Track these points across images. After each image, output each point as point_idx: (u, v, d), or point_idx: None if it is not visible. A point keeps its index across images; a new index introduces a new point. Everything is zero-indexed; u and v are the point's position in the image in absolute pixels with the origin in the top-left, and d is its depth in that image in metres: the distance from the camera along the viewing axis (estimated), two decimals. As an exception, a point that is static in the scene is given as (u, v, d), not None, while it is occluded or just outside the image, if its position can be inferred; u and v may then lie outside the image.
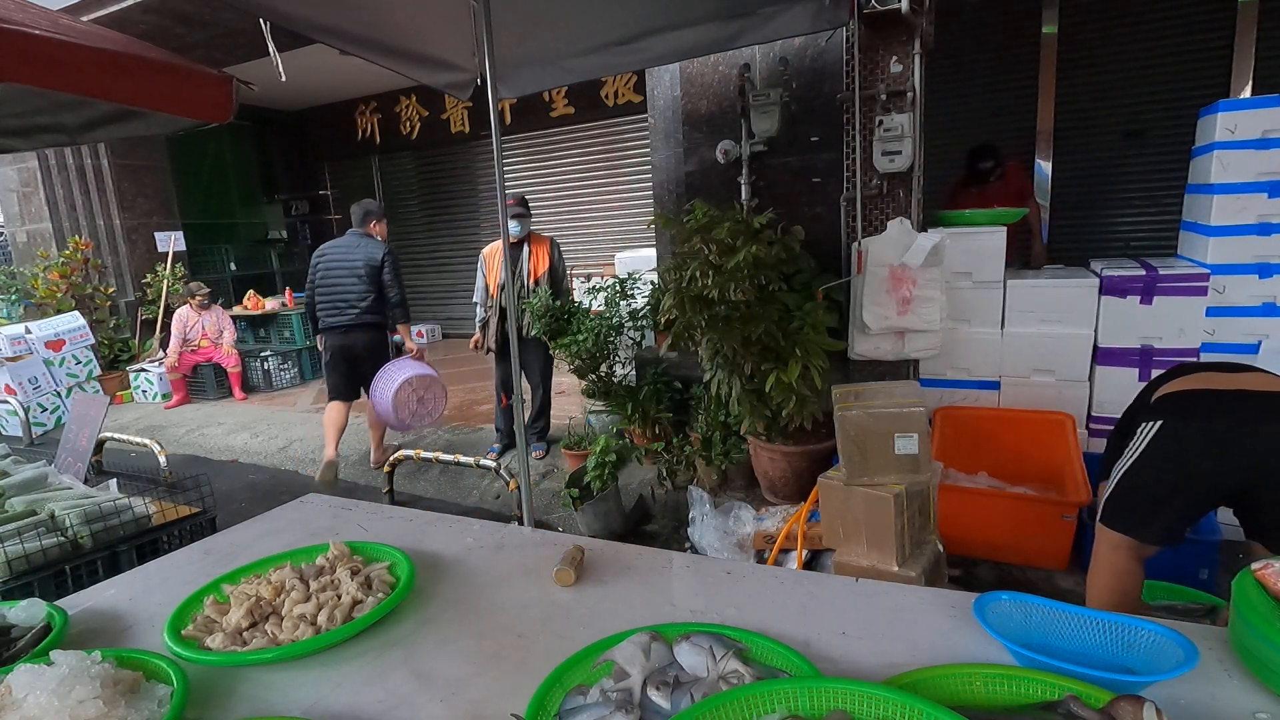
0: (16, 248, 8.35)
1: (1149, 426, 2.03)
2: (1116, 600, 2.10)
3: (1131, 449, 2.07)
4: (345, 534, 1.71)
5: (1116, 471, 2.12)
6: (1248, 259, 3.31)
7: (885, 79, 3.64)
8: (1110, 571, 2.15)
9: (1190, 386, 2.08)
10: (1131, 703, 0.84)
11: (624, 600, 1.33)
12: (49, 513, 2.37)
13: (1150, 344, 3.38)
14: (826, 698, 0.89)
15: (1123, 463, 2.09)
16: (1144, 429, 2.04)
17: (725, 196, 4.10)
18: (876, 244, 3.50)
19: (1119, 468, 2.11)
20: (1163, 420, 2.01)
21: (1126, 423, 2.26)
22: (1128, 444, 2.11)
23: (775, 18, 2.99)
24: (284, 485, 4.94)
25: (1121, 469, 2.10)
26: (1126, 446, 2.10)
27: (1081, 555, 2.94)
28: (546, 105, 8.39)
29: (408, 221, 10.31)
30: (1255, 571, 1.03)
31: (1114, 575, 2.14)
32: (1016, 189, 4.50)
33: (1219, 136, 3.31)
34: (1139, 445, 2.05)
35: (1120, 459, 2.11)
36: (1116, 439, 2.29)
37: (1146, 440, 2.03)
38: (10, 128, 3.03)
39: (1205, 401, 2.02)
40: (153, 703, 1.04)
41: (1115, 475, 2.12)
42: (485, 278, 4.66)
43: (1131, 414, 2.28)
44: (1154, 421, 2.03)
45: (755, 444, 3.70)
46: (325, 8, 2.44)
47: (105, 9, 5.89)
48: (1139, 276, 3.36)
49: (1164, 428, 2.00)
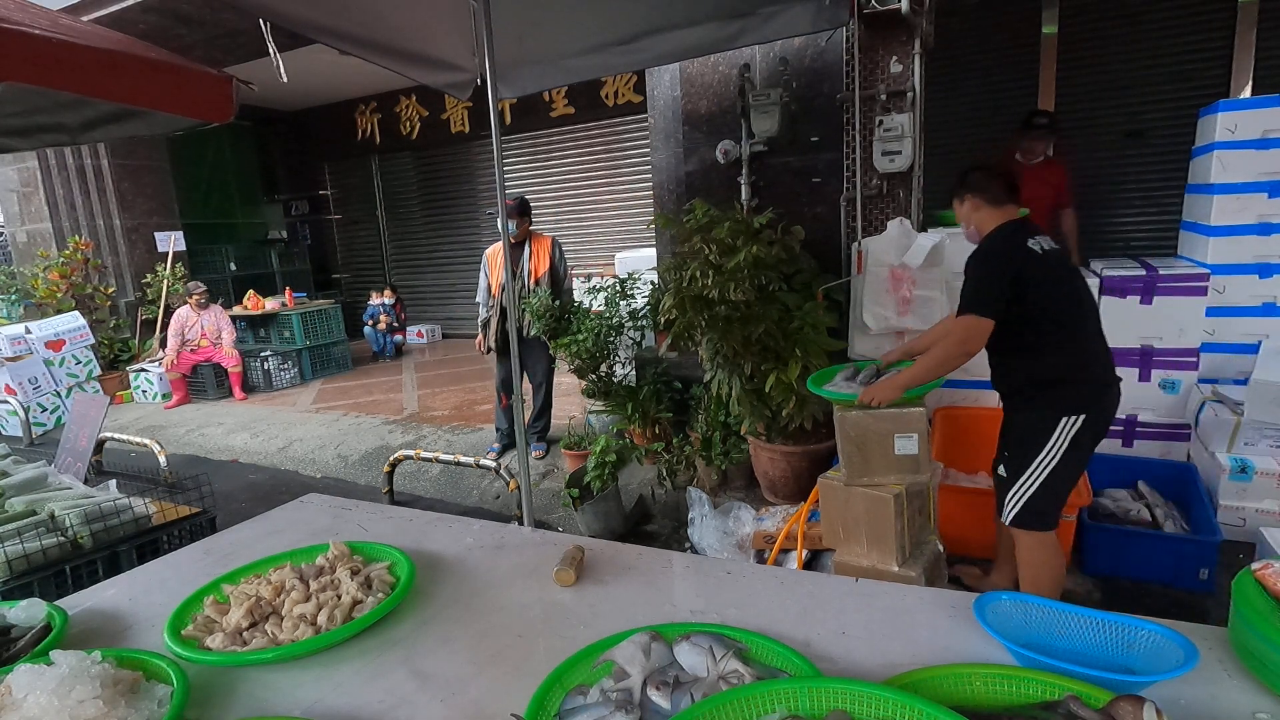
0: (16, 248, 8.35)
1: (1071, 422, 2.18)
2: (1061, 574, 2.38)
3: (1052, 450, 2.20)
4: (345, 534, 1.71)
5: (1035, 473, 2.24)
6: (1248, 259, 3.31)
7: (885, 79, 3.64)
8: (1057, 562, 2.37)
9: (1098, 371, 2.27)
10: (1131, 703, 0.84)
11: (624, 600, 1.33)
12: (49, 513, 2.37)
13: (1150, 344, 3.38)
14: (826, 698, 0.89)
15: (1042, 466, 2.22)
16: (1066, 424, 2.18)
17: (725, 196, 4.10)
18: (876, 244, 3.50)
19: (1038, 470, 2.23)
20: (1086, 415, 2.18)
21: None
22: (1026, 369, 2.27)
23: (775, 18, 2.99)
24: (284, 485, 4.94)
25: (1043, 471, 2.23)
26: (1043, 433, 2.23)
27: (1082, 555, 2.94)
28: (546, 105, 8.39)
29: (408, 221, 10.31)
30: (1255, 571, 1.03)
31: (1058, 565, 2.37)
32: (1057, 182, 4.30)
33: (1219, 136, 3.31)
34: (1059, 446, 2.20)
35: (1037, 460, 2.23)
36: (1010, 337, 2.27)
37: (1068, 439, 2.19)
38: (10, 128, 3.03)
39: (1110, 388, 2.27)
40: (153, 703, 1.04)
41: (1034, 477, 2.25)
42: (488, 277, 4.66)
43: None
44: (1076, 417, 2.18)
45: (755, 444, 3.70)
46: (325, 8, 2.44)
47: (105, 9, 5.88)
48: (1139, 276, 3.36)
49: (1086, 421, 2.18)
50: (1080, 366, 2.25)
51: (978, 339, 2.15)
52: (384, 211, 10.48)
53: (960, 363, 2.18)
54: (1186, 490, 3.13)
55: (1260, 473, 2.93)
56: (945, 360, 2.20)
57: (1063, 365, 2.23)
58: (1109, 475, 3.28)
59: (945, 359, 2.19)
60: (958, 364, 2.19)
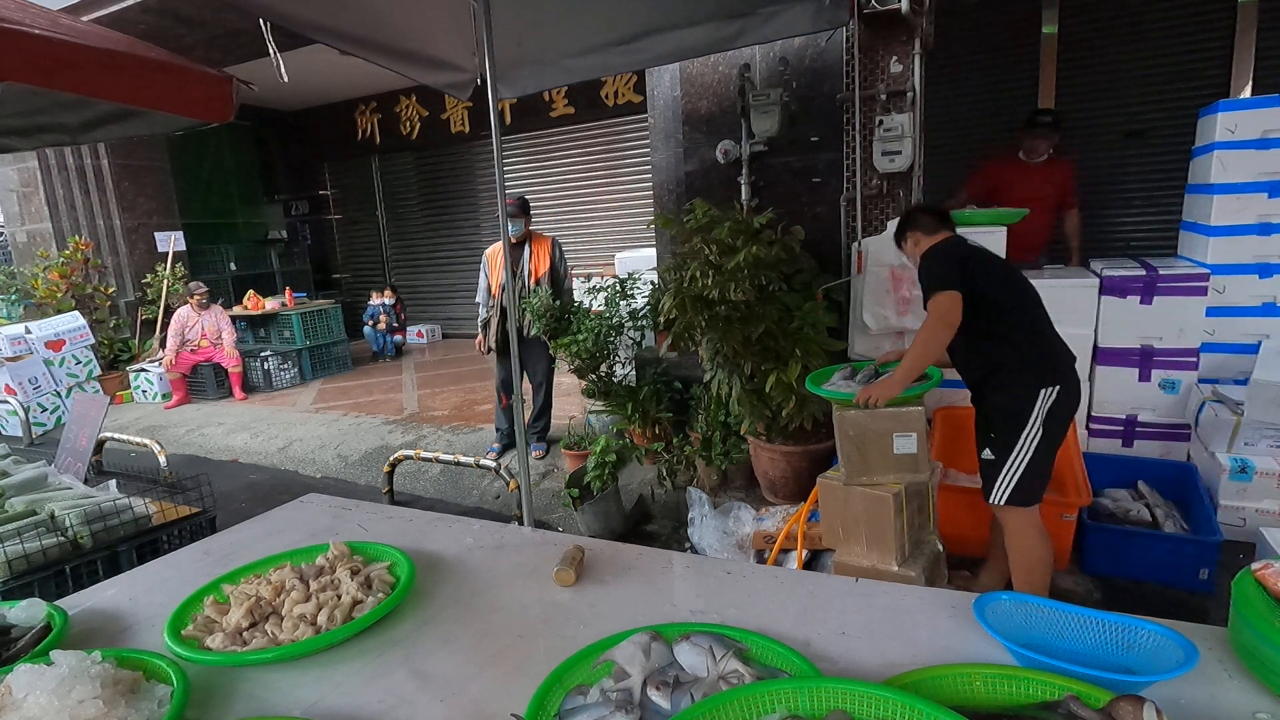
0: (16, 248, 8.35)
1: (1048, 394, 2.30)
2: (1050, 557, 2.42)
3: (1034, 424, 2.31)
4: (345, 534, 1.71)
5: (1023, 449, 2.32)
6: (1248, 259, 3.31)
7: (885, 79, 3.64)
8: (1045, 544, 2.41)
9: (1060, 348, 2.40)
10: (1131, 703, 0.84)
11: (624, 600, 1.33)
12: (49, 513, 2.37)
13: (1150, 344, 3.38)
14: (826, 698, 0.89)
15: (1028, 441, 2.32)
16: (1044, 396, 2.30)
17: (725, 196, 4.10)
18: (876, 244, 3.50)
19: (1025, 445, 2.32)
20: (1059, 387, 2.31)
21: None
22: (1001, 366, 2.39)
23: (775, 18, 3.00)
24: (284, 485, 4.94)
25: (1030, 446, 2.32)
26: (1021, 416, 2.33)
27: (1082, 555, 2.94)
28: (546, 105, 8.39)
29: (407, 221, 10.31)
30: (1255, 571, 1.03)
31: (1046, 548, 2.41)
32: (1061, 181, 4.27)
33: (1219, 136, 3.31)
34: (1040, 419, 2.30)
35: (1023, 436, 2.32)
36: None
37: (1046, 411, 2.30)
38: (10, 128, 3.03)
39: (1073, 368, 2.39)
40: (153, 703, 1.04)
41: (1022, 453, 2.33)
42: (488, 278, 4.65)
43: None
44: (1051, 389, 2.30)
45: (755, 444, 3.70)
46: (325, 8, 2.44)
47: (105, 9, 5.88)
48: (1139, 276, 3.35)
49: (1060, 393, 2.30)
50: (1044, 343, 2.41)
51: (954, 309, 2.26)
52: (384, 211, 10.48)
53: (946, 337, 2.27)
54: (1186, 490, 3.13)
55: (1260, 473, 2.93)
56: (931, 339, 2.28)
57: (1028, 345, 2.38)
58: (1109, 475, 3.28)
59: (931, 338, 2.28)
60: (944, 339, 2.28)
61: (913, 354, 2.31)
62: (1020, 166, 4.25)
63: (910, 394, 2.32)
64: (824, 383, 2.55)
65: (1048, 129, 4.19)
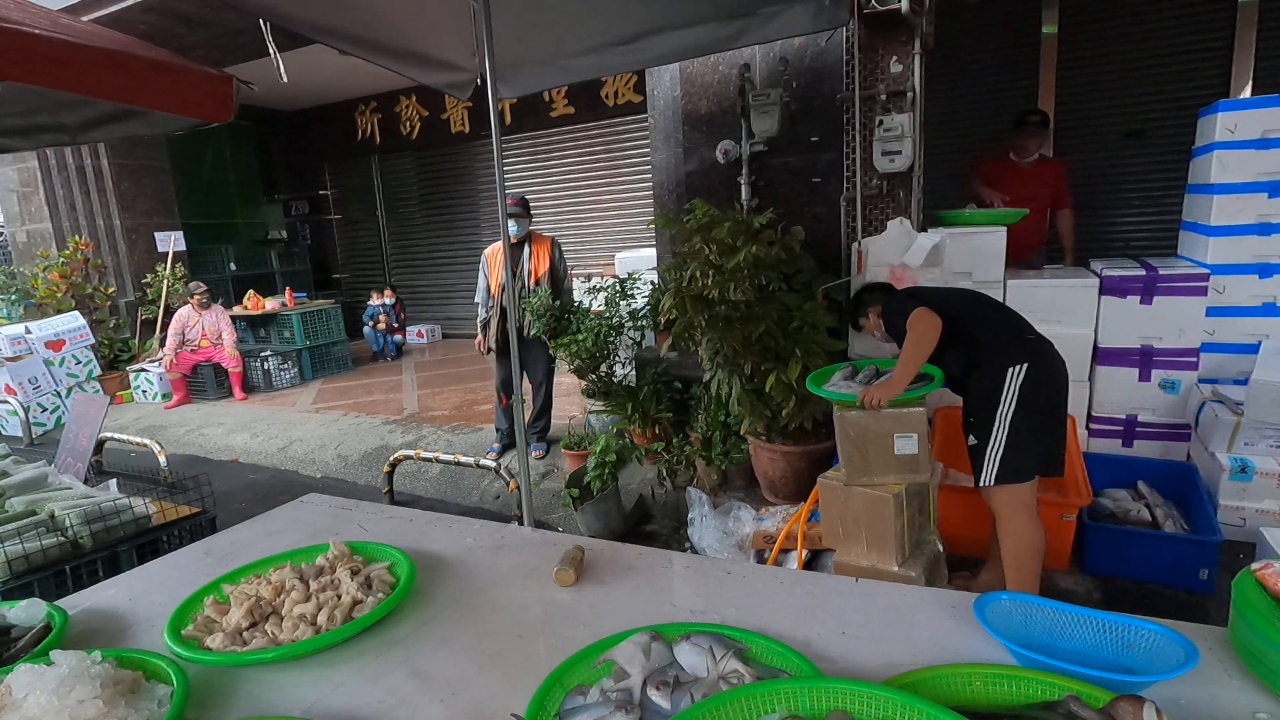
0: (16, 248, 8.35)
1: (1016, 371, 2.38)
2: (1041, 545, 2.47)
3: (1006, 401, 2.39)
4: (345, 534, 1.71)
5: (1000, 427, 2.39)
6: (1248, 259, 3.31)
7: (885, 79, 3.64)
8: (1036, 529, 2.46)
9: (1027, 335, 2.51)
10: (1131, 703, 0.84)
11: (624, 600, 1.33)
12: (49, 513, 2.37)
13: (1150, 344, 3.38)
14: (826, 698, 0.89)
15: (1003, 418, 2.39)
16: (1012, 373, 2.38)
17: (725, 196, 4.09)
18: (876, 244, 3.50)
19: (1001, 423, 2.40)
20: (1029, 364, 2.38)
21: None
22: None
23: (775, 18, 2.99)
24: (284, 485, 4.94)
25: (1005, 422, 2.39)
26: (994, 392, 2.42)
27: (1082, 555, 2.94)
28: (546, 105, 8.39)
29: (407, 221, 10.31)
30: (1255, 571, 1.03)
31: (1037, 533, 2.46)
32: (1053, 181, 4.28)
33: (1219, 136, 3.31)
34: (1012, 395, 2.38)
35: (998, 414, 2.40)
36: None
37: (1018, 388, 2.38)
38: (10, 127, 3.03)
39: (1046, 351, 2.50)
40: (153, 703, 1.04)
41: (1000, 431, 2.40)
42: (487, 278, 4.65)
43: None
44: (1019, 365, 2.38)
45: (755, 444, 3.70)
46: (325, 8, 2.44)
47: (105, 9, 5.88)
48: (1139, 276, 3.36)
49: (1029, 370, 2.38)
50: (1007, 332, 2.53)
51: (930, 315, 2.40)
52: (384, 211, 10.48)
53: (933, 336, 2.39)
54: (1186, 490, 3.13)
55: (1260, 473, 2.93)
56: (921, 340, 2.39)
57: (992, 337, 2.52)
58: (1109, 475, 3.28)
59: (920, 337, 2.39)
60: (932, 338, 2.39)
61: (907, 353, 2.38)
62: (1012, 166, 4.26)
63: (912, 395, 2.33)
64: (824, 382, 2.56)
65: (1036, 128, 4.20)
